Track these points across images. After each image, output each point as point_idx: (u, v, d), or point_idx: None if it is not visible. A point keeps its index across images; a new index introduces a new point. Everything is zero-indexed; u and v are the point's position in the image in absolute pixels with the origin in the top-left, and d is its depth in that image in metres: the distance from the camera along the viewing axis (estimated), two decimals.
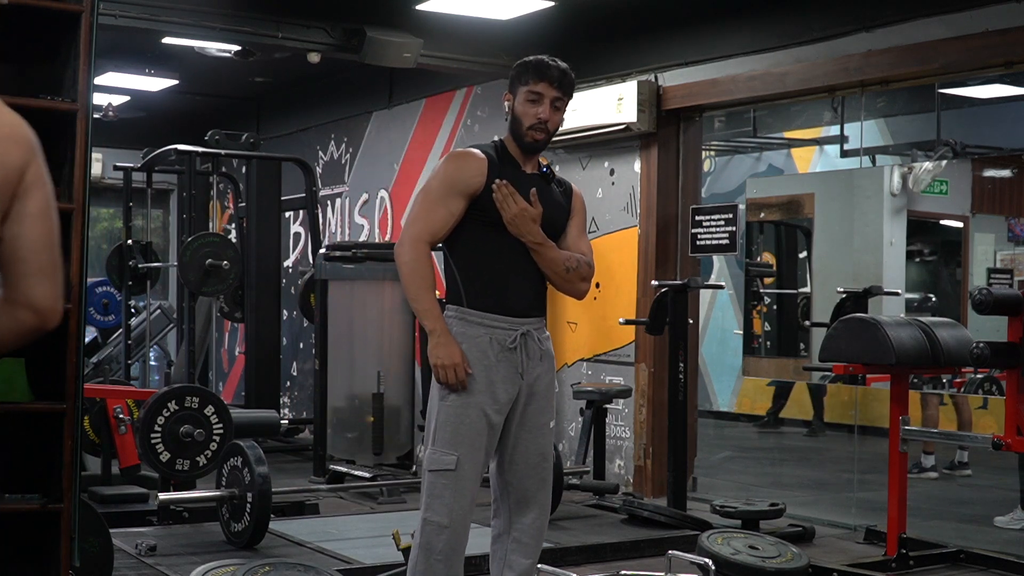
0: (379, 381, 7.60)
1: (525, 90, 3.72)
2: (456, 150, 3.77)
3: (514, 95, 3.76)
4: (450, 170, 3.63)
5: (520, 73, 3.78)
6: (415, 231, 3.59)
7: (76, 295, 3.48)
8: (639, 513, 6.37)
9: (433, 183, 3.64)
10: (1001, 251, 8.12)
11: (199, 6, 6.98)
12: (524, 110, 3.71)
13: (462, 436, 3.55)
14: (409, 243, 3.59)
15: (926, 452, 7.82)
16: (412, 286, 3.59)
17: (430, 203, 3.61)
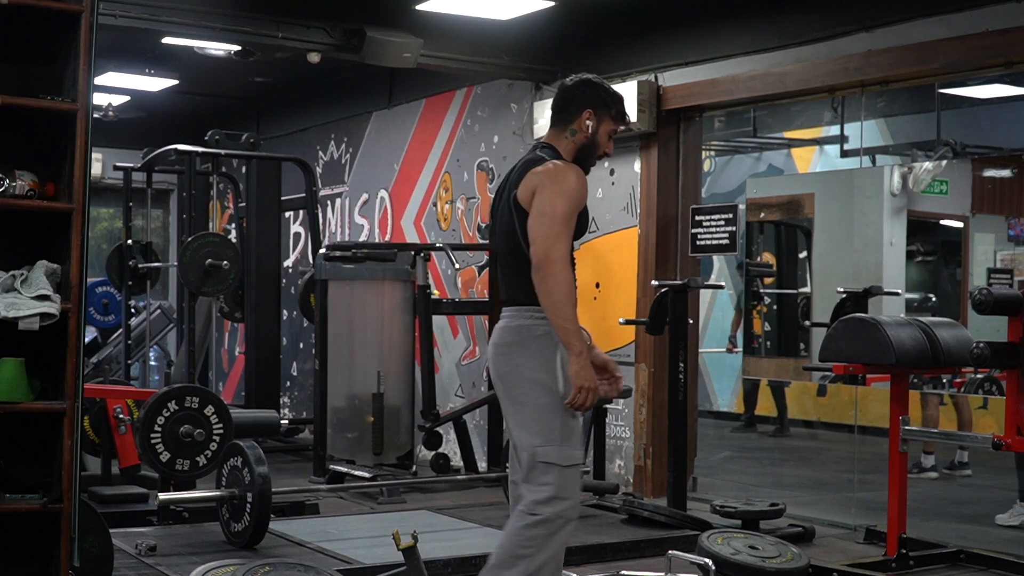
0: (379, 381, 7.60)
1: (613, 127, 3.96)
2: (570, 167, 3.84)
3: (599, 121, 3.93)
4: (580, 190, 3.79)
5: (612, 105, 3.95)
6: (563, 250, 3.72)
7: (76, 295, 3.49)
8: (639, 513, 6.37)
9: (565, 202, 3.75)
10: (1001, 251, 8.11)
11: (199, 6, 6.98)
12: (604, 141, 3.95)
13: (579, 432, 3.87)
14: (561, 263, 3.70)
15: (926, 452, 7.82)
16: (567, 306, 3.71)
17: (566, 221, 3.74)
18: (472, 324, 8.93)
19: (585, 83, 3.97)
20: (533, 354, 3.80)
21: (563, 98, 3.96)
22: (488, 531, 6.18)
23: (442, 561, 5.34)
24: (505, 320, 3.90)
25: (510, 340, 3.85)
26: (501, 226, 3.93)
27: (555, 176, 3.77)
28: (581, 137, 3.92)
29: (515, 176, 3.89)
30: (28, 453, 3.65)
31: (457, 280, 9.08)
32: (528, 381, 3.80)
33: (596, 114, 3.92)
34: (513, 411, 3.87)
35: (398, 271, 7.88)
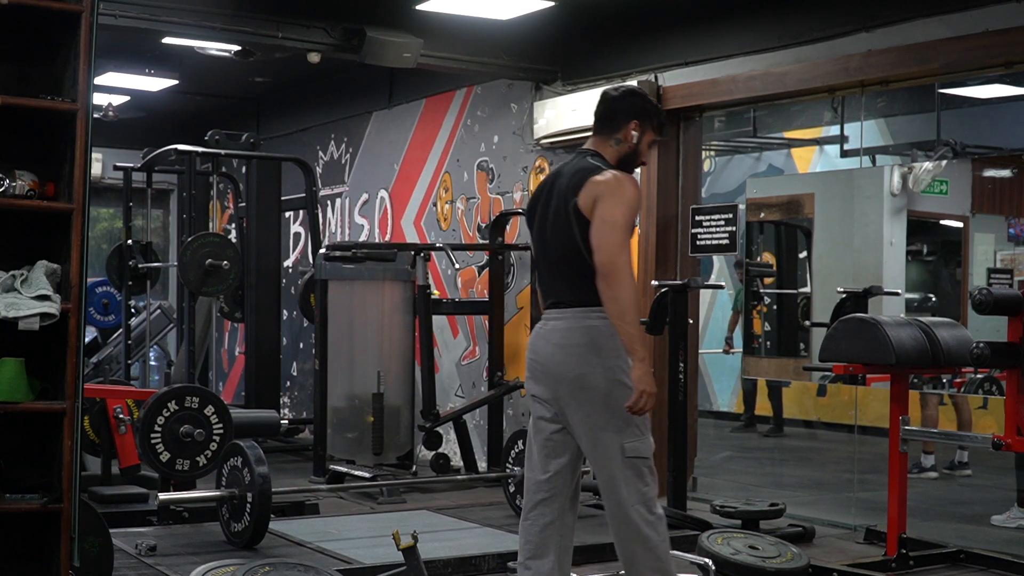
0: (379, 381, 7.60)
1: (653, 137, 4.13)
2: (628, 178, 3.98)
3: (643, 131, 4.09)
4: (638, 200, 3.98)
5: (655, 117, 4.13)
6: (627, 258, 3.85)
7: (76, 295, 3.49)
8: None
9: (626, 211, 3.88)
10: (1001, 251, 8.11)
11: (199, 6, 6.98)
12: (644, 151, 4.12)
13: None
14: (626, 270, 3.83)
15: (926, 452, 7.81)
16: (633, 312, 3.83)
17: (627, 230, 3.88)
18: (472, 324, 8.93)
19: (631, 94, 4.13)
20: (608, 355, 3.90)
21: (609, 108, 4.09)
22: (488, 531, 6.18)
23: (442, 561, 5.34)
24: (566, 321, 3.96)
25: (581, 341, 3.92)
26: (555, 232, 4.00)
27: (616, 187, 3.89)
28: (625, 147, 4.07)
29: (570, 184, 3.97)
30: (28, 453, 3.65)
31: (457, 280, 9.08)
32: (609, 382, 3.89)
33: (641, 125, 4.07)
34: (589, 411, 3.93)
35: (398, 271, 7.88)
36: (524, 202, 8.49)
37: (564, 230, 3.96)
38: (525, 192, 8.49)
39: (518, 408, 8.38)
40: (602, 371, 3.90)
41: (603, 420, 3.92)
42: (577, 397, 3.94)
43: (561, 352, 3.95)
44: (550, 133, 8.00)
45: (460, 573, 5.37)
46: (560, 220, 3.98)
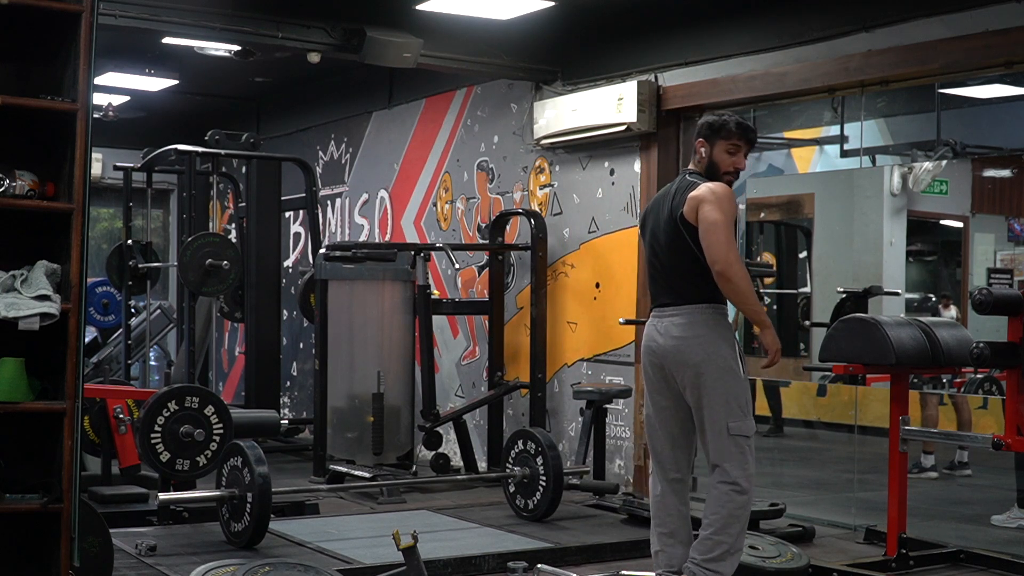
0: (379, 381, 7.60)
1: (727, 144, 4.68)
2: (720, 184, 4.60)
3: (710, 143, 4.69)
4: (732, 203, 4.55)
5: (719, 127, 4.69)
6: (736, 253, 4.47)
7: (76, 295, 3.49)
8: (639, 513, 6.37)
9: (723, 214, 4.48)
10: (1001, 251, 8.11)
11: (199, 6, 6.97)
12: (724, 159, 4.69)
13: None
14: (738, 263, 4.46)
15: (926, 452, 7.81)
16: (752, 295, 4.53)
17: (728, 228, 4.50)
18: (472, 324, 8.93)
19: (699, 123, 4.79)
20: (722, 345, 4.57)
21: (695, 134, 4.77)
22: (488, 531, 6.19)
23: (442, 561, 5.34)
24: (681, 317, 4.61)
25: (700, 332, 4.57)
26: (666, 240, 4.64)
27: (708, 194, 4.52)
28: (703, 164, 4.70)
29: (676, 200, 4.62)
30: (28, 453, 3.65)
31: (457, 280, 9.08)
32: (720, 369, 4.54)
33: (707, 140, 4.69)
34: (701, 394, 4.57)
35: (398, 271, 7.88)
36: (524, 202, 8.50)
37: (674, 239, 4.61)
38: (525, 192, 8.50)
39: (518, 408, 8.38)
40: (718, 359, 4.55)
41: (715, 401, 4.56)
42: (693, 382, 4.57)
43: (681, 343, 4.59)
44: (550, 133, 8.00)
45: (460, 573, 5.37)
46: (670, 230, 4.63)
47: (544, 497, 6.37)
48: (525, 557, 5.39)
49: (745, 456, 4.59)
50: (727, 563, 4.53)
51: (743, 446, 4.59)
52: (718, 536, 4.52)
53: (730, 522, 4.54)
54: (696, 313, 4.60)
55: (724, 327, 4.62)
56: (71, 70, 3.55)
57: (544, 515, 6.38)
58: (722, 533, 4.52)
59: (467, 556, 5.47)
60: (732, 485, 4.56)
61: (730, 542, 4.53)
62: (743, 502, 4.56)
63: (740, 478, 4.55)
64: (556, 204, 8.26)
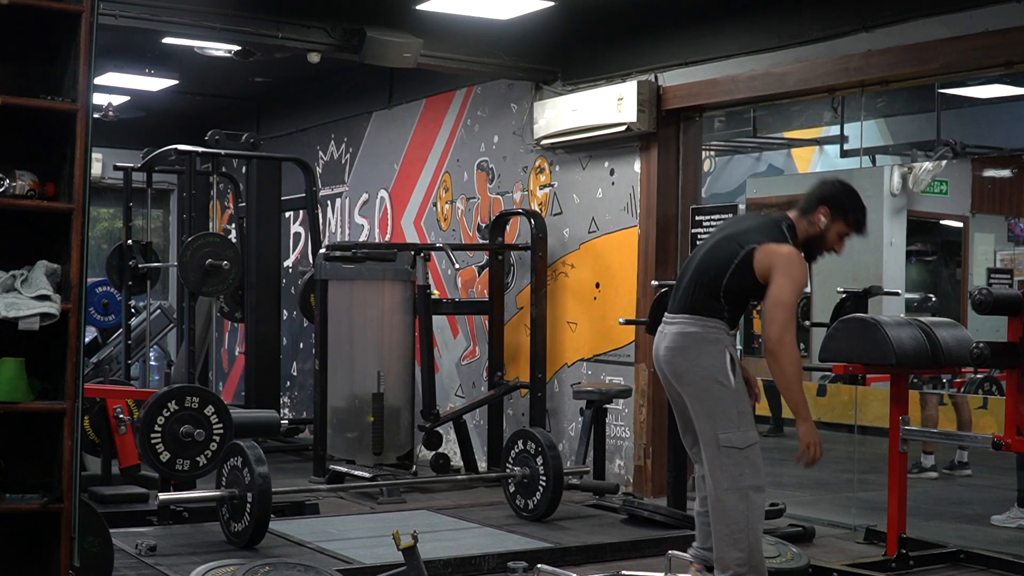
0: (379, 381, 7.60)
1: (845, 230, 4.61)
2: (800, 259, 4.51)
3: (833, 220, 4.58)
4: (804, 282, 4.55)
5: (849, 212, 4.61)
6: (792, 336, 4.42)
7: (76, 295, 3.49)
8: (639, 513, 6.37)
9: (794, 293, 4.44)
10: (1001, 251, 8.11)
11: (199, 6, 6.97)
12: (833, 239, 4.62)
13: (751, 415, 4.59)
14: (792, 346, 4.41)
15: (926, 452, 7.81)
16: (798, 383, 4.46)
17: (793, 309, 4.48)
18: (472, 324, 8.93)
19: (833, 183, 4.66)
20: (706, 356, 4.52)
21: (812, 190, 4.64)
22: (488, 531, 6.19)
23: (442, 561, 5.34)
24: (678, 326, 4.61)
25: (684, 344, 4.57)
26: (709, 255, 4.61)
27: (790, 266, 4.44)
28: (814, 230, 4.59)
29: (755, 230, 4.56)
30: (28, 453, 3.65)
31: (457, 280, 9.08)
32: (706, 379, 4.51)
33: (832, 213, 4.57)
34: (688, 404, 4.60)
35: (398, 271, 7.88)
36: (524, 202, 8.50)
37: (719, 257, 4.56)
38: (525, 192, 8.50)
39: (518, 408, 8.38)
40: (699, 370, 4.52)
41: (701, 411, 4.55)
42: (684, 391, 4.60)
43: (669, 353, 4.62)
44: (550, 133, 8.00)
45: (460, 573, 5.37)
46: (721, 249, 4.58)
47: (544, 497, 6.37)
48: (525, 557, 5.39)
49: (739, 467, 4.48)
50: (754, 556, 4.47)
51: (736, 457, 4.49)
52: (726, 557, 4.50)
53: (733, 542, 4.47)
54: (692, 324, 4.58)
55: (713, 340, 4.54)
56: (71, 70, 3.55)
57: (544, 515, 6.38)
58: (728, 553, 4.48)
59: (467, 556, 5.46)
60: (718, 499, 4.50)
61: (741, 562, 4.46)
62: (739, 509, 4.46)
63: (727, 490, 4.48)
64: (556, 204, 8.26)
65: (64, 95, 3.57)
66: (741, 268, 4.50)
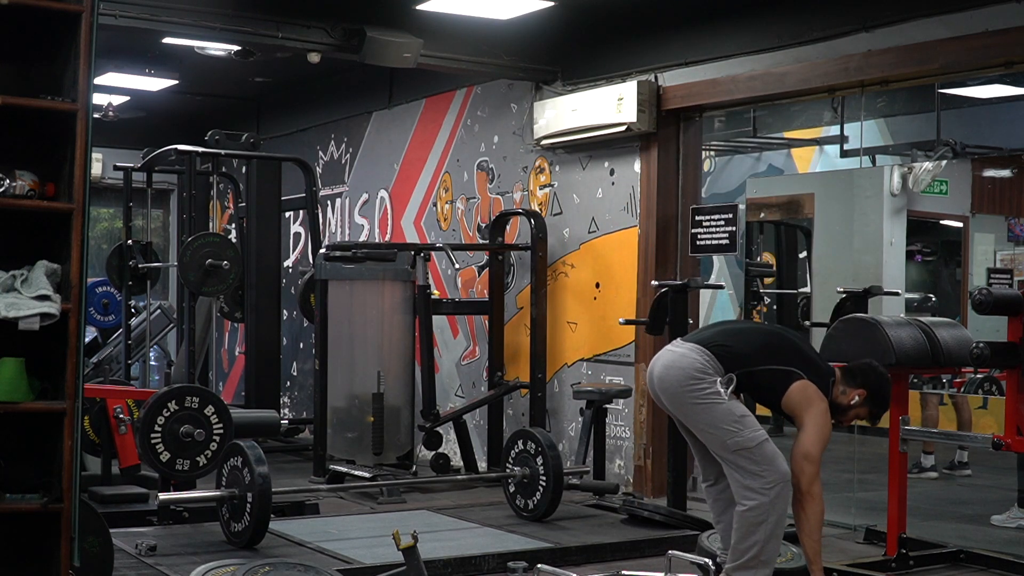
0: (379, 381, 7.60)
1: (865, 414, 4.82)
2: (828, 413, 4.69)
3: (862, 399, 4.77)
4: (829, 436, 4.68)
5: (879, 405, 4.84)
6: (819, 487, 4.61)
7: (76, 295, 3.49)
8: (639, 513, 6.37)
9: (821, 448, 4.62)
10: (1001, 251, 8.10)
11: (199, 6, 6.98)
12: (851, 416, 4.83)
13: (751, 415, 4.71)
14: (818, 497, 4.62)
15: (926, 452, 7.80)
16: (818, 531, 4.67)
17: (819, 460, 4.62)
18: (472, 324, 8.93)
19: (881, 375, 4.85)
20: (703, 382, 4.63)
21: (863, 369, 4.83)
22: (488, 531, 6.18)
23: (442, 561, 5.34)
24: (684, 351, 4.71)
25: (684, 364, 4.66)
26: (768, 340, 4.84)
27: (824, 422, 4.65)
28: (843, 400, 4.77)
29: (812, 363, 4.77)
30: (28, 453, 3.65)
31: (457, 280, 9.08)
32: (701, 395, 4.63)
33: (865, 399, 4.77)
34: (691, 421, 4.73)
35: (398, 271, 7.88)
36: (524, 202, 8.50)
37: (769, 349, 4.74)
38: (525, 192, 8.50)
39: (518, 408, 8.38)
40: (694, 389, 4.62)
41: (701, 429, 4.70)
42: (682, 411, 4.74)
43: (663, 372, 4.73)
44: (550, 133, 8.00)
45: (460, 573, 5.37)
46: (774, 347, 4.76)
47: (544, 497, 6.37)
48: (525, 557, 5.39)
49: (758, 464, 4.58)
50: (754, 572, 4.60)
51: (753, 457, 4.59)
52: (740, 545, 4.60)
53: (751, 530, 4.58)
54: (703, 355, 4.68)
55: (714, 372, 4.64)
56: (71, 70, 3.55)
57: (544, 515, 6.38)
58: (743, 542, 4.59)
59: (467, 556, 5.46)
60: (743, 497, 4.61)
61: (755, 551, 4.57)
62: (759, 509, 4.56)
63: (749, 488, 4.58)
64: (556, 204, 8.26)
65: (64, 95, 3.57)
66: (776, 378, 4.68)
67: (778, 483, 4.56)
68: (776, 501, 4.57)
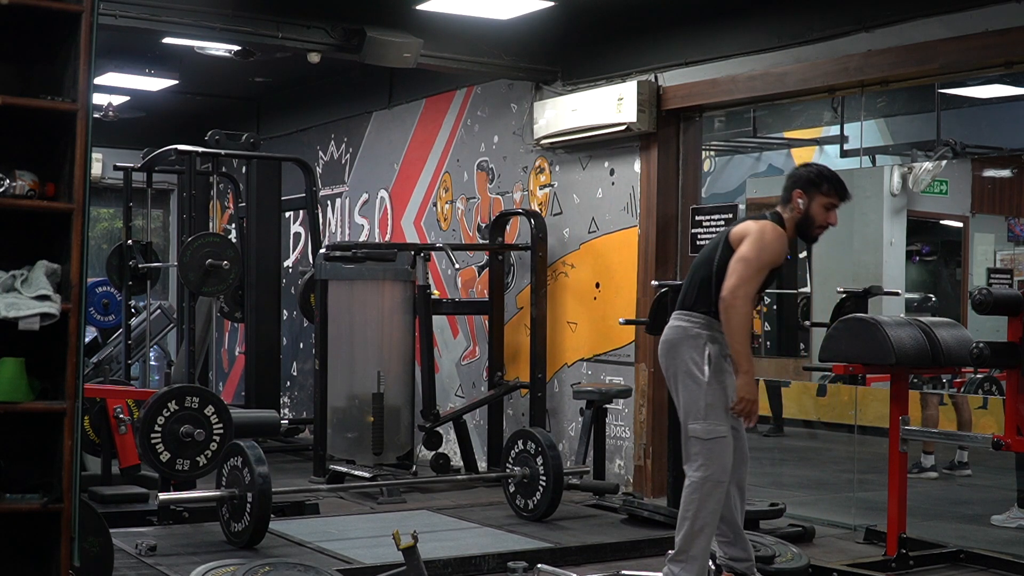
0: (379, 381, 7.60)
1: (826, 200, 4.76)
2: (776, 229, 4.69)
3: (809, 196, 4.75)
4: (776, 249, 4.65)
5: (820, 181, 4.77)
6: (749, 291, 4.60)
7: (76, 295, 3.49)
8: (639, 513, 6.37)
9: (762, 255, 4.62)
10: (1001, 251, 8.11)
11: (199, 6, 6.97)
12: (820, 214, 4.77)
13: (726, 411, 4.68)
14: (744, 300, 4.58)
15: (926, 452, 7.81)
16: (743, 335, 4.61)
17: (759, 270, 4.62)
18: (472, 324, 8.93)
19: (798, 168, 4.88)
20: (687, 350, 4.74)
21: (785, 182, 4.83)
22: (488, 531, 6.19)
23: (442, 561, 5.34)
24: (672, 322, 4.86)
25: (672, 338, 4.82)
26: (704, 253, 4.88)
27: (760, 231, 4.64)
28: (796, 214, 4.76)
29: (738, 222, 4.83)
30: (28, 453, 3.65)
31: (457, 280, 9.08)
32: (683, 373, 4.74)
33: (806, 193, 4.75)
34: (675, 397, 4.83)
35: (398, 271, 7.88)
36: (524, 202, 8.50)
37: (710, 252, 4.81)
38: (525, 192, 8.50)
39: (518, 408, 8.38)
40: (681, 363, 4.74)
41: (679, 403, 4.79)
42: (669, 384, 4.87)
43: (661, 347, 4.89)
44: (550, 133, 8.00)
45: (460, 573, 5.37)
46: (712, 245, 4.83)
47: (544, 497, 6.37)
48: (525, 557, 5.40)
49: (699, 457, 4.66)
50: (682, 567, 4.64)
51: (698, 447, 4.68)
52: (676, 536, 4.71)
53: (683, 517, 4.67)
54: (682, 319, 4.81)
55: (695, 335, 4.74)
56: (71, 70, 3.55)
57: (544, 515, 6.38)
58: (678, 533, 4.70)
59: (467, 556, 5.47)
60: (689, 482, 4.70)
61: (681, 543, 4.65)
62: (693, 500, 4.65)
63: (694, 478, 4.66)
64: (556, 204, 8.26)
65: (64, 95, 3.57)
66: (724, 253, 4.72)
67: (708, 481, 4.62)
68: (706, 499, 4.63)
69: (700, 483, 4.64)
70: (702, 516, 4.63)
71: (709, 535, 4.68)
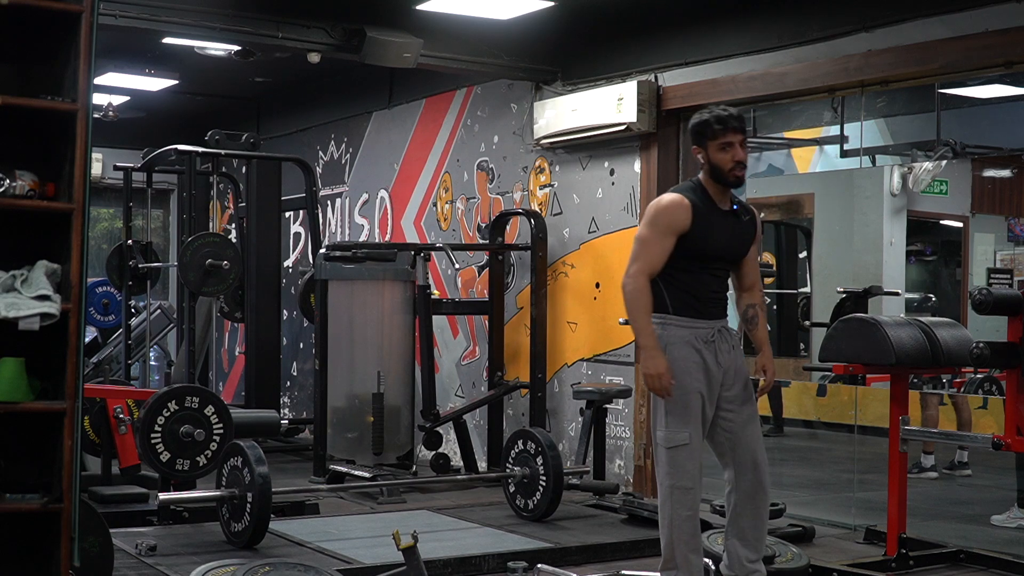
0: (379, 381, 7.60)
1: (719, 141, 4.48)
2: (663, 198, 4.53)
3: (704, 148, 4.52)
4: (671, 214, 4.45)
5: (703, 129, 4.52)
6: (636, 268, 4.46)
7: (76, 295, 3.49)
8: (639, 513, 6.37)
9: (651, 228, 4.47)
10: (1001, 251, 8.11)
11: (199, 6, 6.98)
12: (721, 158, 4.49)
13: (689, 415, 4.51)
14: (633, 276, 4.45)
15: (926, 452, 7.81)
16: (632, 308, 4.48)
17: (645, 244, 4.47)
18: (472, 324, 8.93)
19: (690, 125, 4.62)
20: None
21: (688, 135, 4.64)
22: (488, 531, 6.18)
23: (442, 561, 5.34)
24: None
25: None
26: None
27: (648, 210, 4.54)
28: (704, 167, 4.55)
29: None
30: (28, 453, 3.65)
31: (457, 280, 9.08)
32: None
33: (700, 146, 4.54)
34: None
35: (398, 271, 7.88)
36: (524, 202, 8.50)
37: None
38: (525, 192, 8.50)
39: (518, 408, 8.38)
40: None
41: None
42: None
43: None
44: (550, 133, 8.00)
45: (460, 573, 5.37)
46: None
47: (544, 497, 6.37)
48: (525, 557, 5.39)
49: (668, 464, 4.54)
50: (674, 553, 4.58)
51: (664, 456, 4.55)
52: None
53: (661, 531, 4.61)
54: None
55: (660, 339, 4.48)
56: (71, 70, 3.55)
57: (544, 515, 6.38)
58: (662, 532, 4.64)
59: (467, 556, 5.47)
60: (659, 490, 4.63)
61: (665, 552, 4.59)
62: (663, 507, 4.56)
63: (663, 487, 4.57)
64: (556, 204, 8.26)
65: (64, 95, 3.57)
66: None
67: (676, 488, 4.53)
68: (677, 507, 4.55)
69: (668, 492, 4.56)
70: (676, 524, 4.56)
71: (688, 542, 4.57)
